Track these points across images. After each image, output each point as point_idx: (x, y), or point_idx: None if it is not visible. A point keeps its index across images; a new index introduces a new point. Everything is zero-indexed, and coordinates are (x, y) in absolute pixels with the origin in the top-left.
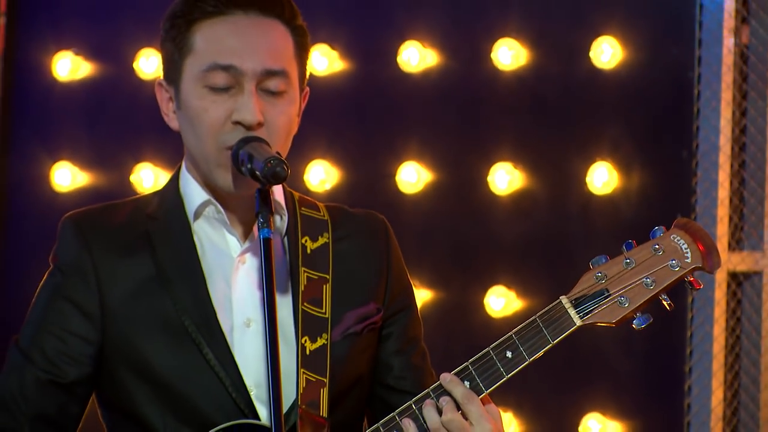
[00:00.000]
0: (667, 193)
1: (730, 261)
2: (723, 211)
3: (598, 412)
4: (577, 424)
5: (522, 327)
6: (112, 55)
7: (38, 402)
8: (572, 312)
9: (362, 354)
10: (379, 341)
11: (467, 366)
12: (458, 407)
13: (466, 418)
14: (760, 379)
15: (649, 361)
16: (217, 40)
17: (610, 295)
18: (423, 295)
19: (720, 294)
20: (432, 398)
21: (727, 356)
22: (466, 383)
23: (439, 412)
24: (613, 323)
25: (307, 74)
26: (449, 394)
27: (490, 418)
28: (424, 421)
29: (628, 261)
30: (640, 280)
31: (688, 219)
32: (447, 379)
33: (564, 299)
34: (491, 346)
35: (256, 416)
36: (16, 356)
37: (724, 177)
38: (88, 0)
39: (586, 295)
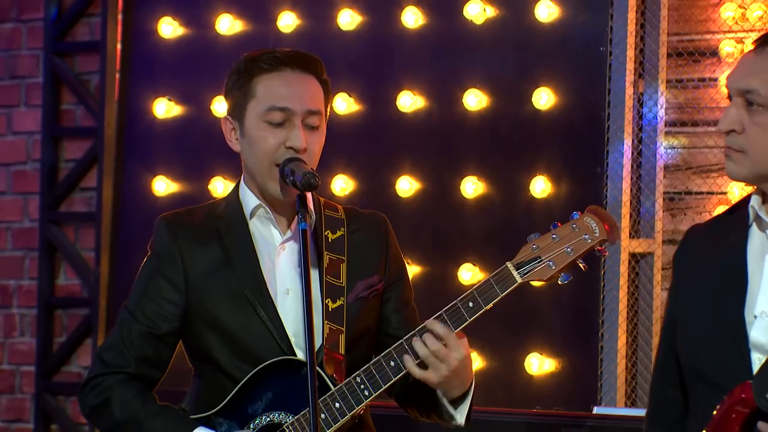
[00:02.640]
0: (586, 197)
1: (631, 245)
2: (626, 210)
3: (537, 351)
4: (522, 361)
5: (479, 284)
6: (195, 100)
7: (140, 347)
8: (515, 273)
9: (369, 312)
10: (381, 303)
11: (441, 313)
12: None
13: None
14: (653, 329)
15: (574, 315)
16: (273, 89)
17: (542, 260)
18: (414, 270)
19: (624, 268)
20: (418, 336)
21: (628, 312)
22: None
23: (425, 345)
24: (544, 280)
25: (328, 115)
26: (431, 332)
27: (462, 345)
28: (415, 352)
29: (554, 236)
30: (563, 249)
31: (597, 206)
32: (429, 321)
33: (509, 264)
34: (458, 299)
35: (295, 356)
36: (125, 315)
37: (626, 186)
38: (177, 62)
39: (525, 260)
